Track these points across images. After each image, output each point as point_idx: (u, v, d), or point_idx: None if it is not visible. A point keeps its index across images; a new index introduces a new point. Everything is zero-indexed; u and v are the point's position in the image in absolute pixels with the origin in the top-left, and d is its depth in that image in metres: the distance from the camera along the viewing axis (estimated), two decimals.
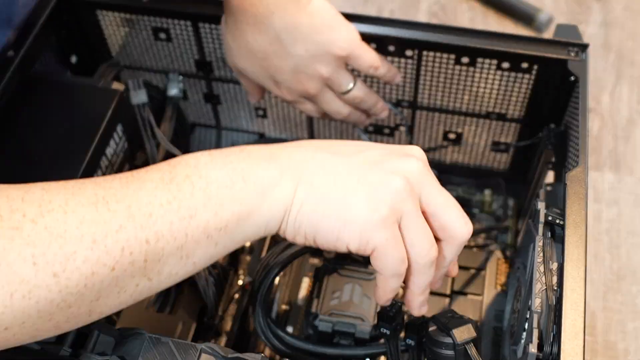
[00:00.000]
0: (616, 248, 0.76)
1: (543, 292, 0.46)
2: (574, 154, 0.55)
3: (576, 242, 0.48)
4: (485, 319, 0.63)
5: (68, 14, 0.68)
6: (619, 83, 0.89)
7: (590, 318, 0.71)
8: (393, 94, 0.69)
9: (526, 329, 0.50)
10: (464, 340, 0.49)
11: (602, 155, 0.83)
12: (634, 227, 0.77)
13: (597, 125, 0.86)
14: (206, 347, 0.44)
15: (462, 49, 0.62)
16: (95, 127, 0.58)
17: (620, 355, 0.69)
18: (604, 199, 0.80)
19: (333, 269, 0.65)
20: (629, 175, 0.81)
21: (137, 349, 0.44)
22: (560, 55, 0.61)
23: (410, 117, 0.72)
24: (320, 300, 0.64)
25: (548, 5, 0.98)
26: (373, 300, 0.63)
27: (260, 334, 0.60)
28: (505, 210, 0.75)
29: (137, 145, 0.66)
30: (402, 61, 0.65)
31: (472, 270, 0.67)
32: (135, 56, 0.72)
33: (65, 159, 0.56)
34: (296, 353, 0.60)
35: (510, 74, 0.64)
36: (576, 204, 0.50)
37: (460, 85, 0.66)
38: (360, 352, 0.60)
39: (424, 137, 0.74)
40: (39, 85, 0.61)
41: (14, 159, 0.56)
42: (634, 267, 0.74)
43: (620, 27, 0.95)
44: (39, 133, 0.58)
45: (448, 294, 0.66)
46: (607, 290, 0.73)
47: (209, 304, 0.67)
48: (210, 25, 0.66)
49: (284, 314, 0.69)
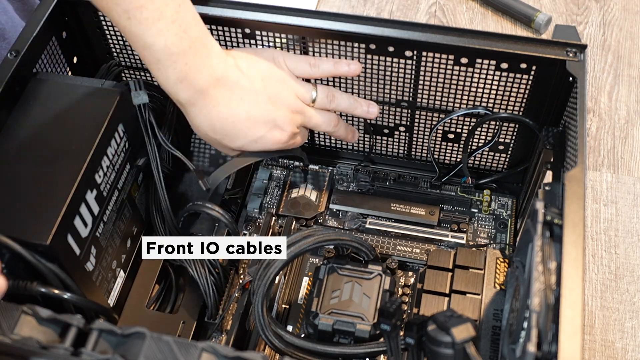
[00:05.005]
0: (614, 247, 0.76)
1: (542, 292, 0.47)
2: (572, 153, 0.56)
3: (574, 241, 0.49)
4: (484, 318, 0.64)
5: (69, 15, 0.68)
6: (617, 83, 0.90)
7: (588, 317, 0.72)
8: (392, 94, 0.70)
9: (525, 328, 0.50)
10: (463, 339, 0.50)
11: (601, 155, 0.84)
12: (632, 227, 0.77)
13: (595, 125, 0.86)
14: (207, 346, 0.44)
15: (461, 50, 0.63)
16: (96, 127, 0.58)
17: (619, 353, 0.69)
18: (602, 198, 0.80)
19: (333, 268, 0.66)
20: (627, 175, 0.82)
21: (138, 348, 0.44)
22: (558, 55, 0.61)
23: (410, 117, 0.72)
24: (320, 299, 0.64)
25: (546, 6, 0.98)
26: (373, 299, 0.64)
27: (260, 332, 0.61)
28: (504, 210, 0.75)
29: (138, 145, 0.66)
30: (401, 62, 0.66)
31: (471, 270, 0.67)
32: (136, 56, 0.73)
33: (66, 159, 0.56)
34: (296, 351, 0.60)
35: (509, 75, 0.64)
36: (574, 204, 0.51)
37: (459, 86, 0.67)
38: (360, 350, 0.60)
39: (423, 137, 0.74)
40: (40, 85, 0.61)
41: (15, 159, 0.57)
42: (632, 266, 0.75)
43: (618, 28, 0.96)
44: (40, 133, 0.58)
45: (447, 293, 0.66)
46: (605, 290, 0.73)
47: (210, 304, 0.67)
48: (210, 26, 0.67)
49: (284, 313, 0.69)
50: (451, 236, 0.73)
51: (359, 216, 0.75)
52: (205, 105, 0.60)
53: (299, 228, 0.74)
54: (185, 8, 0.57)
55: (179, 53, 0.57)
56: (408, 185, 0.78)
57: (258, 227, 0.75)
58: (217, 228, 0.72)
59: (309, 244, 0.61)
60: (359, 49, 0.65)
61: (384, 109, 0.72)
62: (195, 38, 0.58)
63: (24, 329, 0.45)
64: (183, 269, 0.69)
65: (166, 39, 0.56)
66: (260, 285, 0.60)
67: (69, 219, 0.55)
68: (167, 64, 0.57)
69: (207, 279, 0.67)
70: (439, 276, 0.68)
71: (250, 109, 0.62)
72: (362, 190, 0.78)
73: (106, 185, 0.61)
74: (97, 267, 0.61)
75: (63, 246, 0.54)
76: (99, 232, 0.60)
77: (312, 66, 0.66)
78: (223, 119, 0.61)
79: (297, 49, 0.67)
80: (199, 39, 0.58)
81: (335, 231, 0.64)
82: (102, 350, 0.45)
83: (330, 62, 0.66)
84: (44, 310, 0.46)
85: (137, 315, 0.67)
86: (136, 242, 0.69)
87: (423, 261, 0.71)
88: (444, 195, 0.77)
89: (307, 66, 0.66)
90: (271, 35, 0.66)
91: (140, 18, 0.55)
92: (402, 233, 0.74)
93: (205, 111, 0.61)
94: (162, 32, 0.56)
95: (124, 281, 0.67)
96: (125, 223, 0.66)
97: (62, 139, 0.58)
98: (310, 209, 0.75)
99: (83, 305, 0.57)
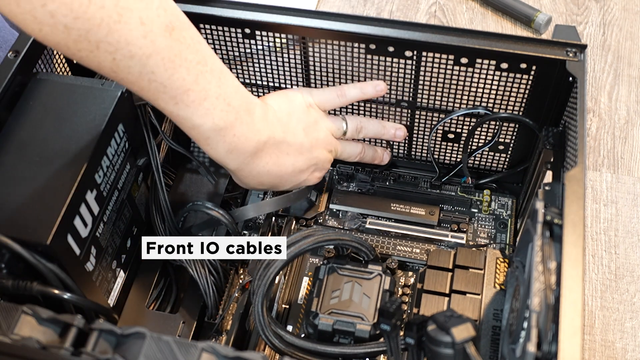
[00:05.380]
0: (614, 247, 0.76)
1: (542, 292, 0.47)
2: (572, 153, 0.56)
3: (574, 241, 0.49)
4: (484, 318, 0.64)
5: None
6: (617, 83, 0.90)
7: (588, 317, 0.72)
8: (392, 94, 0.70)
9: (525, 328, 0.50)
10: (463, 339, 0.50)
11: (600, 155, 0.84)
12: (631, 227, 0.77)
13: (595, 125, 0.86)
14: (207, 346, 0.44)
15: (461, 50, 0.63)
16: (96, 127, 0.58)
17: (619, 354, 0.69)
18: (602, 198, 0.80)
19: (333, 268, 0.66)
20: (627, 174, 0.82)
21: (138, 348, 0.44)
22: (558, 55, 0.61)
23: (410, 117, 0.72)
24: (320, 299, 0.64)
25: (547, 6, 0.98)
26: (373, 299, 0.64)
27: (260, 332, 0.61)
28: (504, 210, 0.75)
29: (138, 145, 0.66)
30: (401, 62, 0.66)
31: (471, 270, 0.67)
32: None
33: (66, 159, 0.56)
34: (296, 351, 0.60)
35: (509, 75, 0.64)
36: (574, 204, 0.51)
37: (459, 86, 0.67)
38: (360, 350, 0.60)
39: (423, 137, 0.74)
40: (40, 85, 0.61)
41: (16, 159, 0.57)
42: (631, 266, 0.75)
43: (618, 28, 0.96)
44: (40, 133, 0.58)
45: (447, 293, 0.66)
46: (605, 290, 0.73)
47: (210, 304, 0.67)
48: (211, 26, 0.67)
49: (284, 313, 0.69)
50: (451, 236, 0.73)
51: (359, 216, 0.75)
52: (254, 167, 0.62)
53: (299, 228, 0.74)
54: (225, 79, 0.57)
55: (227, 127, 0.57)
56: (408, 185, 0.78)
57: (258, 227, 0.75)
58: (217, 228, 0.72)
59: (309, 244, 0.61)
60: (359, 49, 0.65)
61: (384, 109, 0.72)
62: (238, 107, 0.58)
63: (24, 329, 0.45)
64: (183, 269, 0.69)
65: (213, 117, 0.56)
66: (260, 285, 0.60)
67: (69, 219, 0.55)
68: (217, 139, 0.58)
69: (207, 279, 0.67)
70: (439, 276, 0.68)
71: (295, 161, 0.65)
72: (362, 190, 0.78)
73: (106, 185, 0.61)
74: (97, 267, 0.61)
75: (63, 246, 0.54)
76: (99, 232, 0.60)
77: (339, 96, 0.68)
78: (272, 175, 0.64)
79: (297, 49, 0.67)
80: (242, 106, 0.58)
81: (335, 231, 0.64)
82: (102, 350, 0.45)
83: (356, 88, 0.68)
84: (44, 310, 0.46)
85: (137, 315, 0.67)
86: (136, 242, 0.69)
87: (423, 261, 0.71)
88: (444, 195, 0.77)
89: (335, 97, 0.68)
90: (271, 35, 0.66)
91: (187, 101, 0.54)
92: (402, 233, 0.74)
93: (255, 172, 0.63)
94: (209, 111, 0.55)
95: (124, 281, 0.67)
96: (125, 223, 0.66)
97: (62, 139, 0.58)
98: (310, 209, 0.75)
99: (83, 305, 0.57)
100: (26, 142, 0.58)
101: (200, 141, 0.58)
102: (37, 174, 0.56)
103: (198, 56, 0.53)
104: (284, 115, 0.64)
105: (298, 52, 0.68)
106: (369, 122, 0.71)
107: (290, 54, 0.68)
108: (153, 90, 0.52)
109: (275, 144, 0.62)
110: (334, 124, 0.69)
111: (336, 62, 0.67)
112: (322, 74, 0.69)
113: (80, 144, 0.57)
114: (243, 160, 0.61)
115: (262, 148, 0.61)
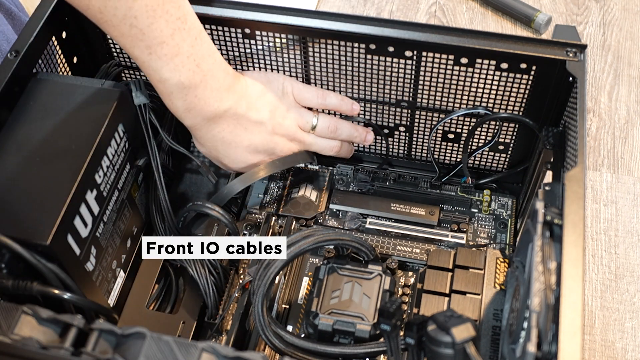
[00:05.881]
0: (614, 247, 0.76)
1: (542, 292, 0.47)
2: (572, 153, 0.56)
3: (574, 241, 0.49)
4: (484, 318, 0.64)
5: (69, 15, 0.68)
6: (617, 83, 0.90)
7: (588, 317, 0.72)
8: (392, 94, 0.70)
9: (525, 328, 0.50)
10: (463, 339, 0.50)
11: (601, 155, 0.84)
12: (632, 227, 0.77)
13: (595, 125, 0.86)
14: (207, 346, 0.44)
15: (461, 50, 0.63)
16: (96, 127, 0.58)
17: (619, 354, 0.69)
18: (602, 198, 0.80)
19: (333, 268, 0.66)
20: (627, 175, 0.82)
21: (138, 348, 0.44)
22: (558, 55, 0.61)
23: (410, 117, 0.72)
24: (320, 299, 0.64)
25: (547, 6, 0.98)
26: (373, 299, 0.64)
27: (260, 332, 0.61)
28: (504, 210, 0.75)
29: (138, 145, 0.66)
30: (401, 62, 0.66)
31: (471, 270, 0.67)
32: None
33: (66, 159, 0.56)
34: (296, 351, 0.60)
35: (509, 75, 0.64)
36: (574, 204, 0.51)
37: (459, 86, 0.67)
38: (360, 350, 0.60)
39: (423, 137, 0.74)
40: (40, 85, 0.61)
41: (16, 159, 0.57)
42: (632, 266, 0.75)
43: (618, 28, 0.96)
44: (40, 133, 0.58)
45: (447, 293, 0.66)
46: (605, 290, 0.73)
47: (210, 304, 0.67)
48: (210, 26, 0.67)
49: (284, 313, 0.69)
50: (451, 236, 0.73)
51: (359, 216, 0.75)
52: (209, 131, 0.64)
53: (299, 228, 0.74)
54: (201, 41, 0.59)
55: (190, 87, 0.59)
56: (408, 185, 0.78)
57: (258, 227, 0.75)
58: (217, 228, 0.72)
59: (309, 244, 0.61)
60: (359, 49, 0.65)
61: (384, 109, 0.72)
62: (207, 71, 0.60)
63: (24, 329, 0.45)
64: (183, 269, 0.69)
65: (180, 74, 0.58)
66: (260, 285, 0.60)
67: (69, 219, 0.55)
68: (179, 96, 0.60)
69: (207, 279, 0.67)
70: (439, 276, 0.68)
71: (252, 138, 0.66)
72: (362, 190, 0.78)
73: (106, 185, 0.61)
74: (97, 267, 0.61)
75: (63, 246, 0.54)
76: (99, 232, 0.60)
77: (319, 97, 0.69)
78: (226, 144, 0.65)
79: (297, 49, 0.67)
80: (211, 71, 0.60)
81: (335, 231, 0.64)
82: (102, 350, 0.45)
83: (337, 98, 0.70)
84: (44, 310, 0.46)
85: (137, 315, 0.67)
86: (136, 242, 0.69)
87: (423, 261, 0.71)
88: (444, 195, 0.77)
89: (315, 97, 0.69)
90: (271, 35, 0.66)
91: (160, 54, 0.57)
92: (402, 233, 0.74)
93: (210, 135, 0.64)
94: (178, 68, 0.58)
95: (124, 281, 0.67)
96: (125, 223, 0.66)
97: (62, 139, 0.58)
98: (310, 209, 0.75)
99: (83, 305, 0.57)
100: (26, 142, 0.58)
101: (163, 94, 0.60)
102: (37, 174, 0.56)
103: (179, 12, 0.56)
104: (255, 92, 0.65)
105: (298, 52, 0.68)
106: (344, 124, 0.72)
107: (290, 54, 0.68)
108: (132, 36, 0.55)
109: (235, 115, 0.64)
110: (302, 117, 0.69)
111: (336, 62, 0.67)
112: (322, 74, 0.69)
113: (80, 144, 0.57)
114: (199, 121, 0.63)
115: (220, 115, 0.63)
